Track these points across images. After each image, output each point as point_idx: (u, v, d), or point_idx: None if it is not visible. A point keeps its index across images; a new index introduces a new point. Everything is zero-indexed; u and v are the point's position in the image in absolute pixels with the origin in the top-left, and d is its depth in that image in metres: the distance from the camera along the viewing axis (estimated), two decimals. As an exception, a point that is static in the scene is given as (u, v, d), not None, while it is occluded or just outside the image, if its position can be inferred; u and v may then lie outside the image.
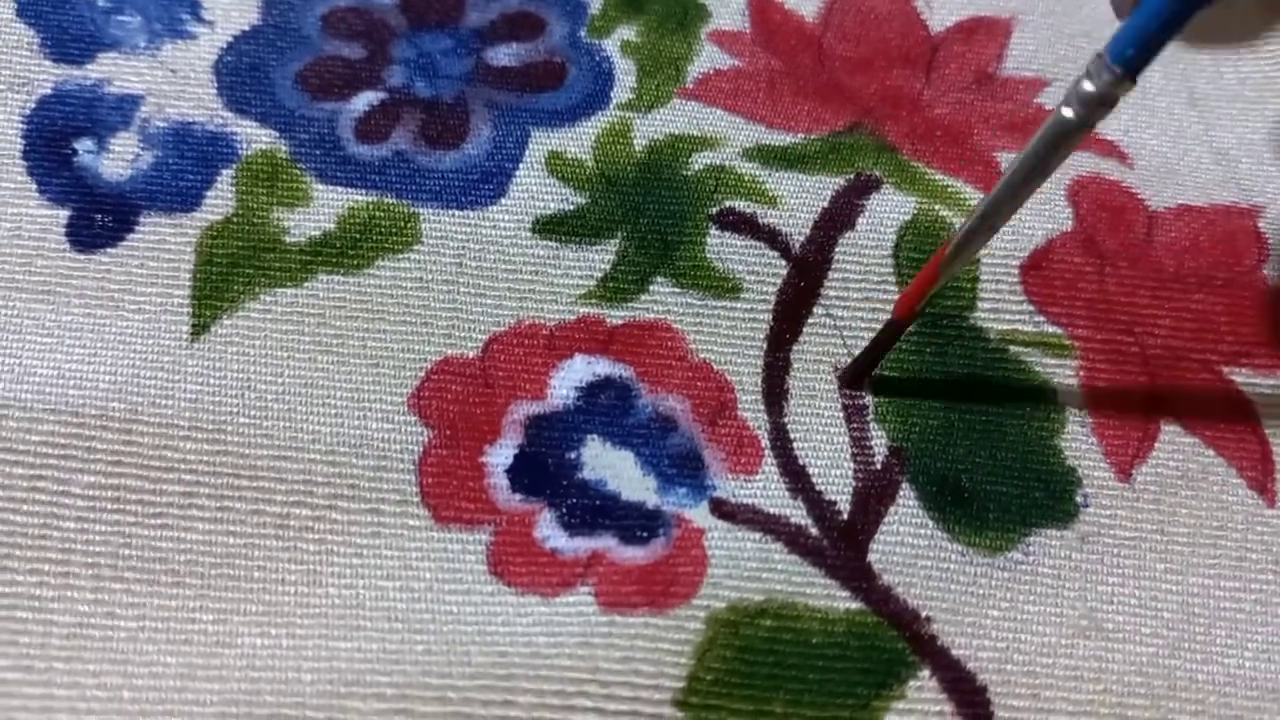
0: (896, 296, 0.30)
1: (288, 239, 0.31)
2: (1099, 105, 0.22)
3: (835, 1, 0.37)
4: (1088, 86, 0.22)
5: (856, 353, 0.30)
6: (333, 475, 0.27)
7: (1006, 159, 0.34)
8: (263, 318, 0.29)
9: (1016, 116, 0.35)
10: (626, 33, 0.36)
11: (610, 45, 0.35)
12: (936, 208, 0.32)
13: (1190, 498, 0.28)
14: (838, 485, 0.28)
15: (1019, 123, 0.35)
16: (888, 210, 0.32)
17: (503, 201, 0.32)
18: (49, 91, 0.33)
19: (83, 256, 0.30)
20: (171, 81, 0.33)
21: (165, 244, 0.30)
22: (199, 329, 0.29)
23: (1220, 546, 0.28)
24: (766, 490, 0.28)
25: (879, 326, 0.29)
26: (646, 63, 0.35)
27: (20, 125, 0.32)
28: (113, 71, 0.33)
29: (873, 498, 0.28)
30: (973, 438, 0.29)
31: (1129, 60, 0.21)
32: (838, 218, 0.32)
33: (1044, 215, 0.32)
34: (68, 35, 0.34)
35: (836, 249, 0.32)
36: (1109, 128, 0.34)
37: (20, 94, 0.33)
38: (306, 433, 0.28)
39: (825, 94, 0.35)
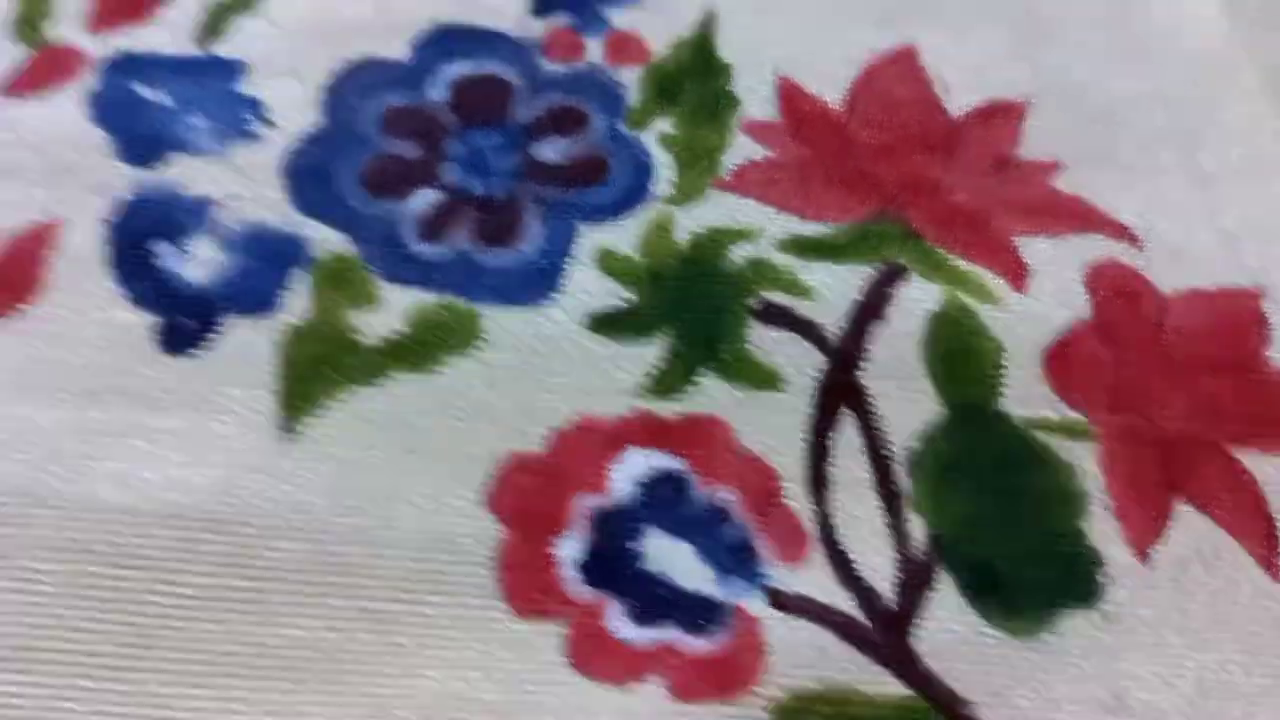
0: (929, 385, 0.33)
1: (362, 340, 0.33)
2: None
3: (859, 87, 0.40)
4: None
5: (894, 444, 0.32)
6: (422, 571, 0.30)
7: (1025, 243, 0.36)
8: (346, 419, 0.32)
9: (1034, 201, 0.37)
10: (663, 124, 0.38)
11: (649, 138, 0.38)
12: (961, 295, 0.35)
13: (1204, 576, 0.31)
14: (881, 573, 0.30)
15: (1036, 207, 0.37)
16: (915, 300, 0.35)
17: (559, 299, 0.34)
18: (127, 196, 0.35)
19: (173, 361, 0.32)
20: (243, 184, 0.35)
21: (250, 346, 0.33)
22: (287, 430, 0.32)
23: (1232, 623, 0.30)
24: (816, 579, 0.30)
25: (912, 417, 0.32)
26: (684, 155, 0.38)
27: (104, 230, 0.34)
28: (186, 174, 0.36)
29: (914, 585, 0.30)
30: (1004, 523, 0.32)
31: None
32: (869, 309, 0.35)
33: (1064, 303, 0.35)
34: (139, 138, 0.36)
35: (869, 340, 0.34)
36: (1123, 208, 0.37)
37: (101, 198, 0.35)
38: (396, 531, 0.30)
39: (852, 182, 0.37)
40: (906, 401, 0.34)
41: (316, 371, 0.33)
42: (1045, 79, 0.41)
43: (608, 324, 0.34)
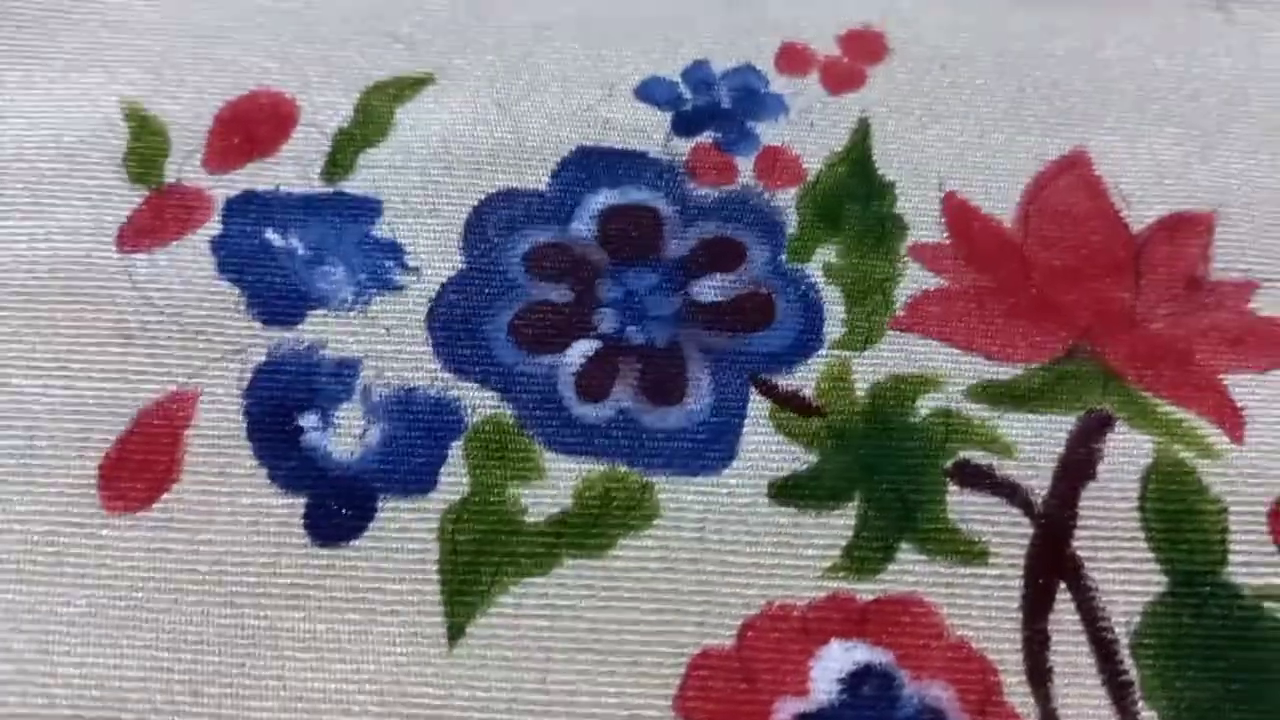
0: (1149, 553, 0.30)
1: (528, 519, 0.30)
2: None
3: (1032, 201, 0.36)
4: None
5: (1115, 623, 0.29)
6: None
7: (1234, 382, 0.33)
8: (516, 614, 0.29)
9: (1235, 329, 0.34)
10: (827, 254, 0.35)
11: (813, 270, 0.34)
12: (1175, 448, 0.32)
13: None
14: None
15: (1238, 336, 0.34)
16: (1127, 453, 0.32)
17: (735, 464, 0.31)
18: (264, 358, 0.32)
19: (326, 552, 0.30)
20: (386, 340, 0.33)
21: (408, 532, 0.30)
22: (455, 631, 0.29)
23: None
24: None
25: (1132, 590, 0.29)
26: (852, 289, 0.34)
27: (241, 400, 0.32)
28: (325, 332, 0.33)
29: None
30: (1243, 711, 0.29)
31: None
32: (1077, 466, 0.32)
33: (1286, 453, 0.31)
34: (273, 292, 0.33)
35: (1081, 503, 0.31)
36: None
37: (235, 363, 0.32)
38: (581, 749, 0.27)
39: (1037, 313, 0.34)
40: (1124, 572, 0.30)
41: (481, 559, 0.30)
42: (1228, 186, 0.37)
43: (790, 490, 0.31)
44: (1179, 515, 0.31)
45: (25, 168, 0.36)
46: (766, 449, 0.32)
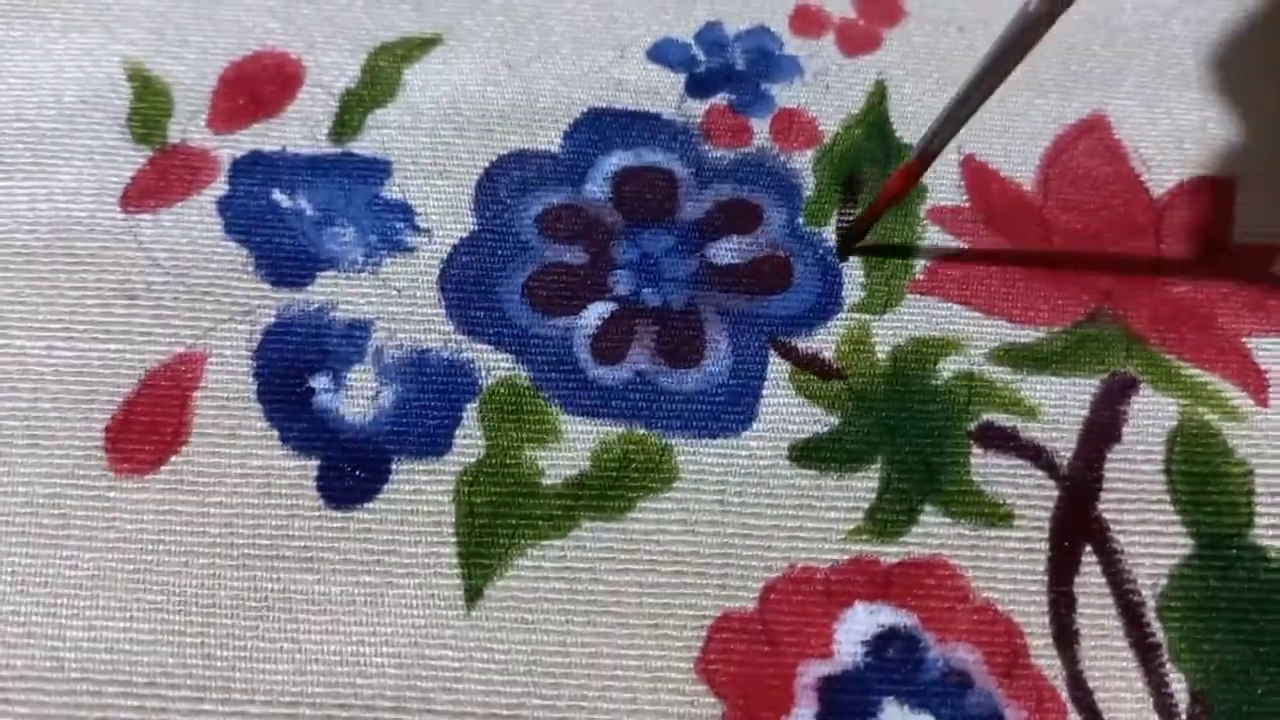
0: (1175, 516, 0.29)
1: (544, 481, 0.30)
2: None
3: (1051, 166, 0.36)
4: None
5: (1142, 586, 0.28)
6: (637, 759, 0.26)
7: (1257, 345, 0.32)
8: (534, 576, 0.28)
9: (1257, 293, 0.34)
10: (845, 217, 0.34)
11: (831, 234, 0.34)
12: (1200, 410, 0.31)
13: None
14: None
15: (1261, 300, 0.33)
16: (1151, 416, 0.31)
17: (755, 426, 0.31)
18: (273, 320, 0.31)
19: (339, 514, 0.29)
20: (398, 302, 0.32)
21: (423, 495, 0.29)
22: (473, 594, 0.28)
23: None
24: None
25: (1158, 553, 0.28)
26: (871, 252, 0.34)
27: (250, 361, 0.31)
28: (335, 294, 0.32)
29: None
30: (1271, 674, 0.29)
31: None
32: (1102, 429, 0.31)
33: (1313, 417, 0.31)
34: (282, 253, 0.33)
35: (1106, 465, 0.30)
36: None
37: (244, 324, 0.31)
38: (603, 712, 0.27)
39: (1059, 276, 0.34)
40: (1150, 535, 0.30)
41: (498, 521, 0.29)
42: (1249, 150, 0.36)
43: (811, 453, 0.30)
44: (1205, 478, 0.31)
45: (25, 127, 0.35)
46: (787, 411, 0.31)
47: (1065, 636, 0.29)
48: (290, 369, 0.31)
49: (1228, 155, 0.36)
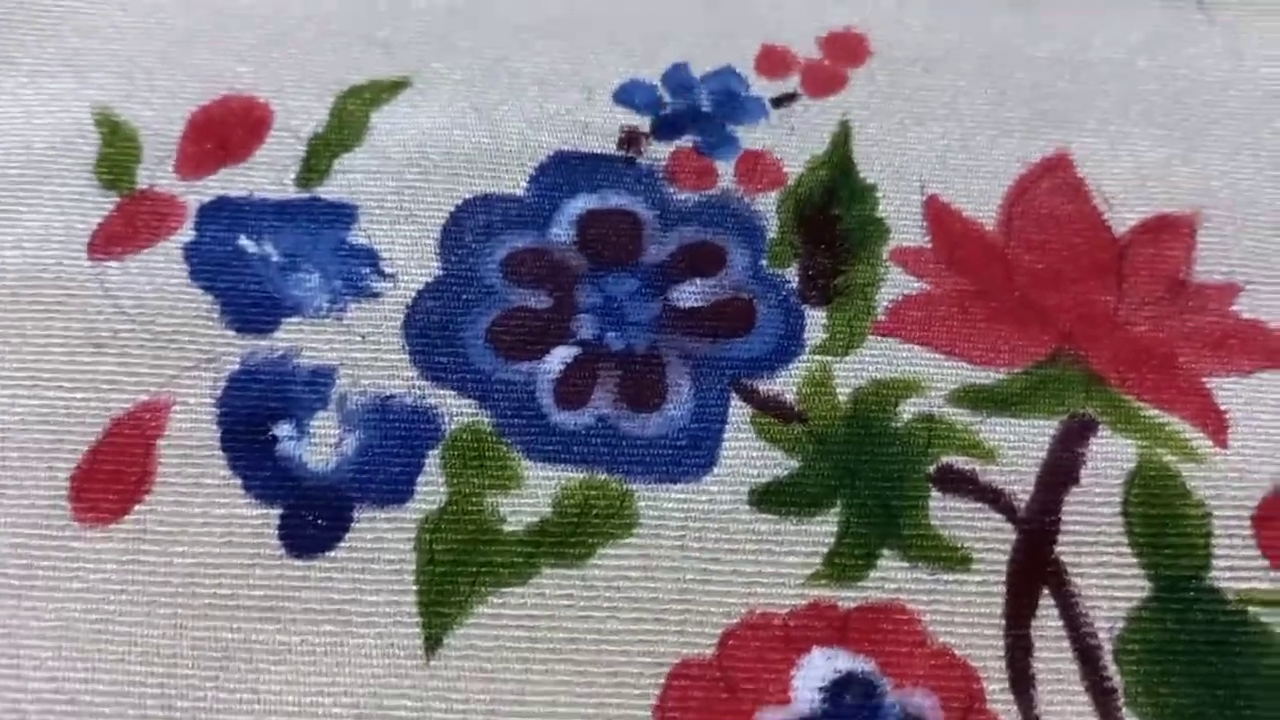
0: (1132, 558, 0.29)
1: (506, 527, 0.30)
2: None
3: (1014, 205, 0.36)
4: None
5: (1099, 629, 0.29)
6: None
7: (1218, 385, 0.33)
8: (494, 625, 0.29)
9: (1218, 332, 0.34)
10: (808, 259, 0.34)
11: (793, 275, 0.34)
12: (1159, 452, 0.32)
13: None
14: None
15: (1221, 340, 0.34)
16: (1110, 458, 0.32)
17: (716, 471, 0.31)
18: (237, 367, 0.32)
19: (301, 563, 0.29)
20: (362, 348, 0.32)
21: (384, 543, 0.29)
22: (432, 643, 0.28)
23: None
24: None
25: (1116, 596, 0.29)
26: (833, 294, 0.34)
27: (214, 409, 0.31)
28: (299, 340, 0.32)
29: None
30: (1227, 717, 0.29)
31: None
32: (1060, 471, 0.31)
33: (1271, 458, 0.31)
34: (246, 300, 0.33)
35: (1064, 508, 0.31)
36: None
37: (209, 371, 0.32)
38: (560, 762, 0.27)
39: (1020, 316, 0.34)
40: (1108, 577, 0.30)
41: (459, 569, 0.29)
42: (1211, 188, 0.36)
43: (770, 497, 0.31)
44: (1162, 520, 0.31)
45: (-6, 174, 0.35)
46: (747, 455, 0.31)
47: (1022, 681, 0.29)
48: (253, 416, 0.31)
49: (1190, 193, 0.37)
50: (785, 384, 0.32)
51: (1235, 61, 0.39)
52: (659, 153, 0.37)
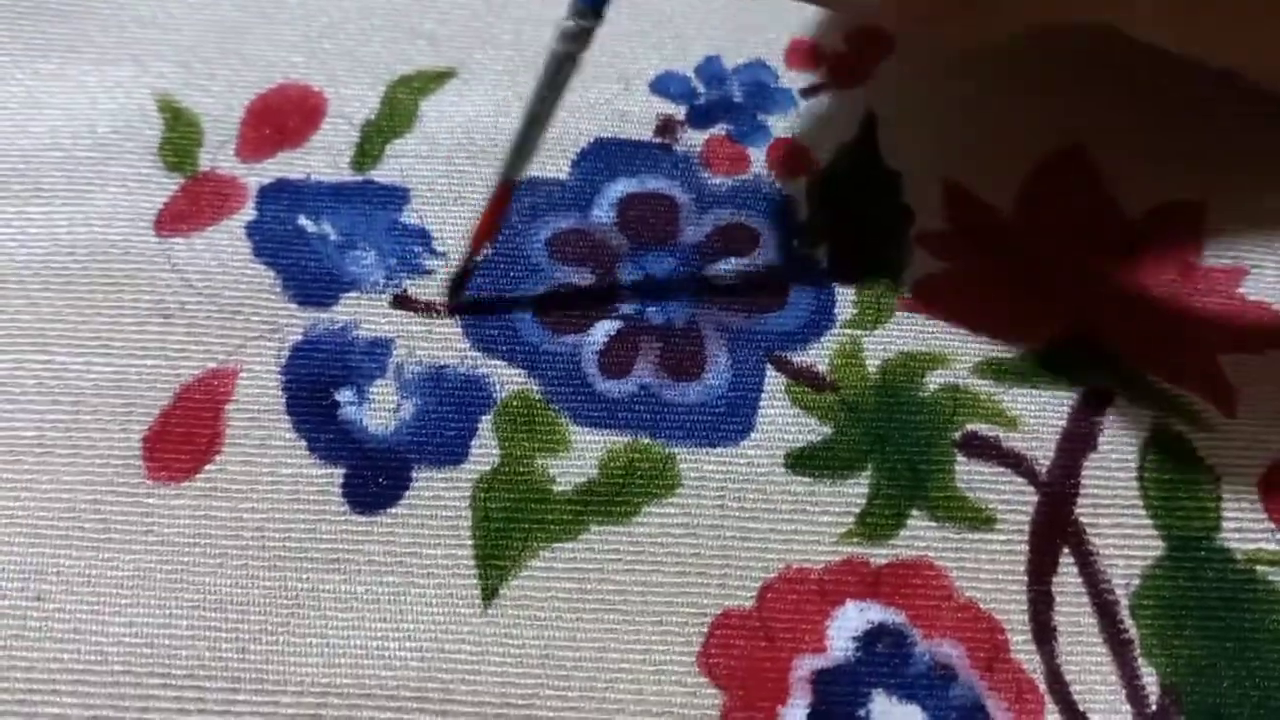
0: (1147, 520, 0.31)
1: (555, 488, 0.32)
2: (575, 39, 0.29)
3: (1030, 190, 0.38)
4: (567, 24, 0.29)
5: (1116, 585, 0.31)
6: (644, 746, 0.28)
7: (1225, 361, 0.35)
8: (546, 577, 0.30)
9: (1225, 313, 0.36)
10: (837, 239, 0.36)
11: (823, 255, 0.36)
12: (1170, 421, 0.33)
13: None
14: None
15: (1228, 320, 0.36)
16: (1125, 426, 0.33)
17: (753, 436, 0.33)
18: (300, 338, 0.34)
19: (364, 519, 0.31)
20: (418, 322, 0.34)
21: (441, 501, 0.31)
22: (488, 593, 0.30)
23: None
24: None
25: (1131, 555, 0.31)
26: (862, 273, 0.36)
27: (279, 376, 0.33)
28: (358, 313, 0.34)
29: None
30: (1236, 668, 0.30)
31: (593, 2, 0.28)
32: (1079, 438, 0.33)
33: (1276, 428, 0.33)
34: (307, 275, 0.35)
35: (1083, 472, 0.33)
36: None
37: (273, 341, 0.33)
38: (611, 703, 0.29)
39: (1038, 295, 0.36)
40: (1124, 538, 0.32)
41: (512, 525, 0.31)
42: (1219, 175, 0.38)
43: (805, 461, 0.33)
44: (1175, 484, 0.33)
45: (62, 156, 0.37)
46: (783, 421, 0.33)
47: (1044, 633, 0.31)
48: (316, 383, 0.33)
49: (1199, 181, 0.39)
50: (817, 355, 0.34)
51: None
52: (694, 140, 0.38)
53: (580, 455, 0.32)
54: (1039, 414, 0.34)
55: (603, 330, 0.34)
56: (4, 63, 0.39)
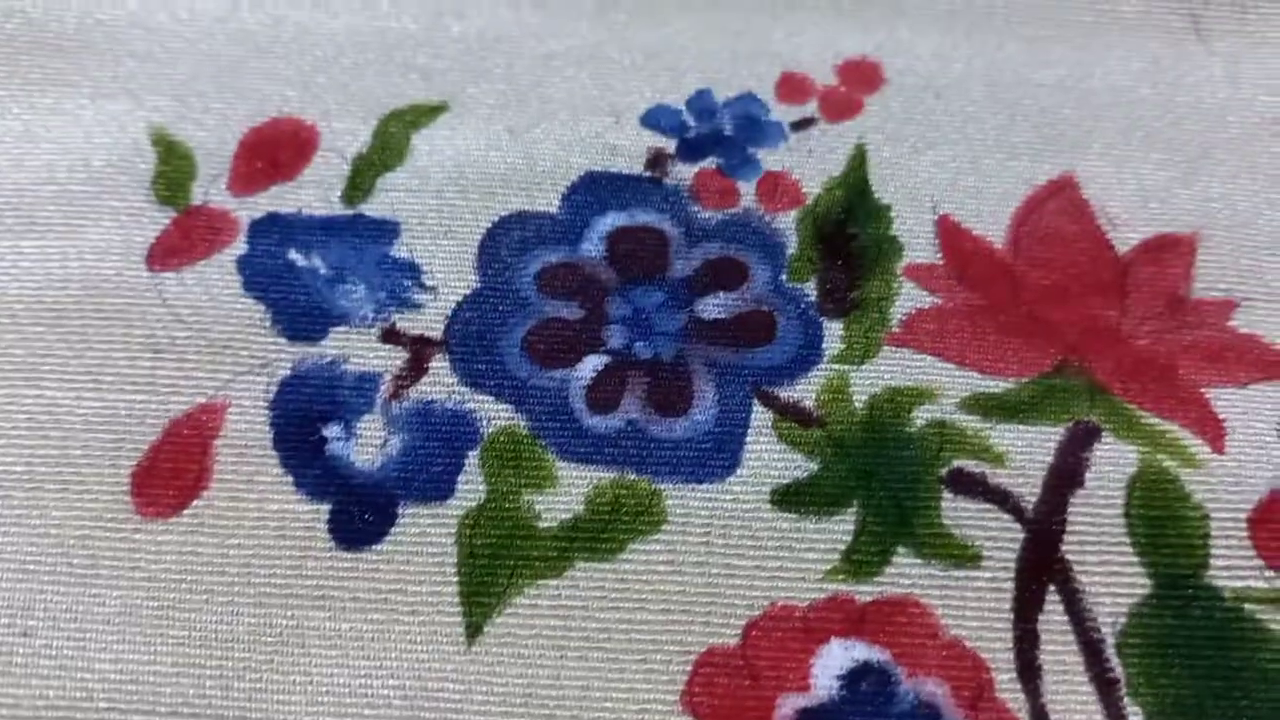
0: (1134, 557, 0.31)
1: (541, 524, 0.32)
2: None
3: (1022, 225, 0.38)
4: None
5: (1102, 624, 0.30)
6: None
7: (1215, 395, 0.35)
8: (531, 614, 0.31)
9: (1215, 346, 0.36)
10: (826, 273, 0.36)
11: (812, 289, 0.36)
12: (1159, 457, 0.33)
13: None
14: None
15: (1218, 353, 0.36)
16: (1113, 463, 0.33)
17: (739, 472, 0.33)
18: (289, 372, 0.34)
19: (350, 555, 0.31)
20: (406, 357, 0.34)
21: (427, 537, 0.31)
22: (473, 630, 0.30)
23: None
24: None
25: (1118, 593, 0.31)
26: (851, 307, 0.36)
27: (267, 411, 0.33)
28: (347, 347, 0.34)
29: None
30: (1224, 708, 0.31)
31: None
32: (1066, 474, 0.33)
33: (1266, 463, 0.33)
34: (297, 309, 0.35)
35: (1069, 509, 0.32)
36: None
37: (262, 376, 0.34)
38: (594, 742, 0.29)
39: (1028, 330, 0.36)
40: (1110, 575, 0.32)
41: (497, 562, 0.31)
42: (1209, 209, 0.39)
43: (791, 497, 0.32)
44: (1163, 521, 0.33)
45: (57, 190, 0.37)
46: (769, 457, 0.33)
47: (1029, 671, 0.31)
48: (304, 419, 0.33)
49: (1190, 214, 0.39)
50: (804, 391, 0.34)
51: (1233, 89, 0.41)
52: (684, 173, 0.39)
53: (566, 491, 0.32)
54: (1026, 450, 0.34)
55: (590, 365, 0.34)
56: (1, 97, 0.39)
